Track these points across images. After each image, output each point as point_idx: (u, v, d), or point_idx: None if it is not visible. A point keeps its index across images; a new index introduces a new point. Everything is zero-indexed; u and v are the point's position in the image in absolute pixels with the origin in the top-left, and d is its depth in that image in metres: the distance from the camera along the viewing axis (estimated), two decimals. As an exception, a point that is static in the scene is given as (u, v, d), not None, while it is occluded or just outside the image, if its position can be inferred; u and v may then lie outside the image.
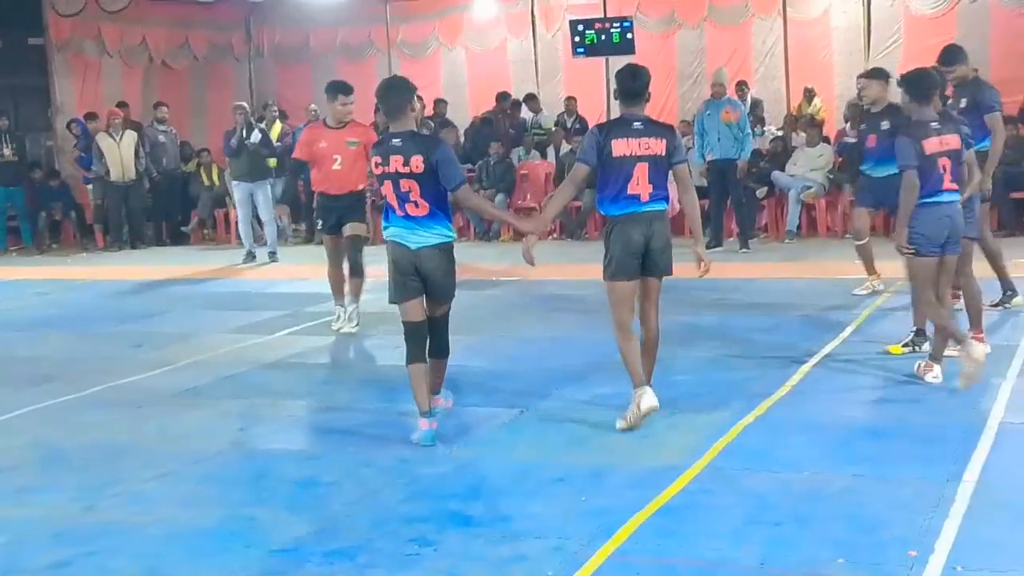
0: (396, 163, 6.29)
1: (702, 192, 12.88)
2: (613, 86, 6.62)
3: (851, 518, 4.96)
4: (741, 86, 16.72)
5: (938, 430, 6.29)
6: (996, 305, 9.18)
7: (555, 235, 16.51)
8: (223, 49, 21.37)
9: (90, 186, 18.28)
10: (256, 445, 6.67)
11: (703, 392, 7.18)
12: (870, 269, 10.25)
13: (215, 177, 18.27)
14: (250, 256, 15.65)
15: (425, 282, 6.40)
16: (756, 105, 17.12)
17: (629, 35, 16.58)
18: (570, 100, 18.16)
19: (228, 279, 14.38)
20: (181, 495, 5.77)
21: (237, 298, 12.50)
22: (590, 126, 18.76)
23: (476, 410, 7.09)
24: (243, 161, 15.42)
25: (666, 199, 6.47)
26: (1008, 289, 9.32)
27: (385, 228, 6.43)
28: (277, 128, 17.63)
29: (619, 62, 17.02)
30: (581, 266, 13.38)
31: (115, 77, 20.20)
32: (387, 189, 6.34)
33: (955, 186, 7.19)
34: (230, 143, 15.49)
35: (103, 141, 17.59)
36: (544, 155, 17.78)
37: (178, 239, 18.54)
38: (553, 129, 18.04)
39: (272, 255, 15.59)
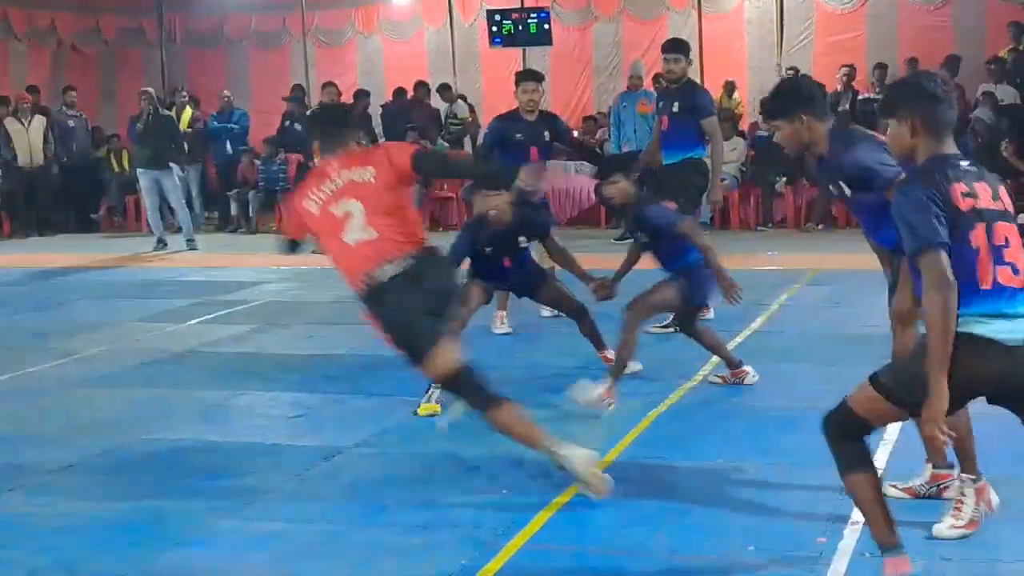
0: (985, 196, 3.83)
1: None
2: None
3: (761, 507, 5.02)
4: (657, 78, 16.77)
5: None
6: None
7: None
8: (134, 33, 20.96)
9: (-3, 172, 17.85)
10: (165, 435, 6.53)
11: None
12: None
13: (125, 163, 17.92)
14: (161, 243, 15.40)
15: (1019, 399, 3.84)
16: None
17: (546, 26, 16.61)
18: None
19: (138, 267, 14.15)
20: (87, 487, 5.65)
21: (147, 286, 12.29)
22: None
23: (389, 399, 7.00)
24: (147, 149, 15.13)
25: None
26: None
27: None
28: (187, 114, 17.36)
29: (536, 53, 17.35)
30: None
31: (22, 61, 19.76)
32: (978, 239, 3.77)
33: None
34: (136, 127, 15.24)
35: (11, 126, 17.18)
36: (461, 144, 17.71)
37: (87, 226, 18.19)
38: (469, 118, 17.99)
39: (190, 243, 15.28)
